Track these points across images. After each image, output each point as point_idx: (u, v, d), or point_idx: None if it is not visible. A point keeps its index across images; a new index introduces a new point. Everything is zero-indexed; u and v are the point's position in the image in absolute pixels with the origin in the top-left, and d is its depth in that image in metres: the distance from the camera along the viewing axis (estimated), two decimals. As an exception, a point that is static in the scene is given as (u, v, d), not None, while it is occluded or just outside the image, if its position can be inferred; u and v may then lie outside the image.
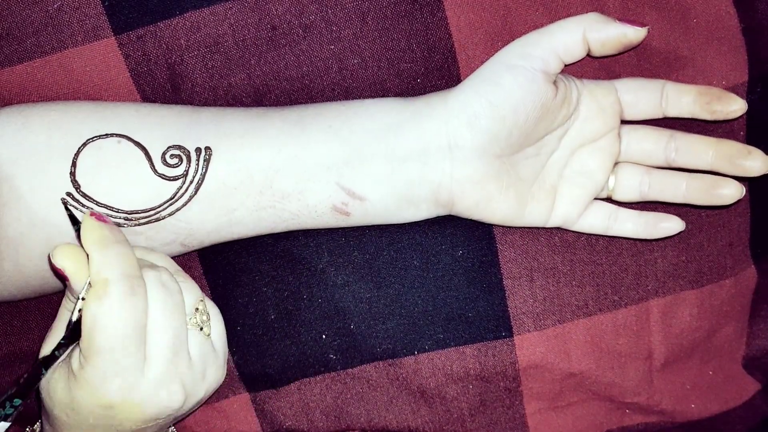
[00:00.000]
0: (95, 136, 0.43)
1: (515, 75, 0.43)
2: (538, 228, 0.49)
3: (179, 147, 0.43)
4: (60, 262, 0.39)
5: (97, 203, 0.42)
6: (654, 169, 0.47)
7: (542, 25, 0.45)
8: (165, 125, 0.44)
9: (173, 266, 0.45)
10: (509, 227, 0.49)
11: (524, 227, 0.49)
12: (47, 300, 0.51)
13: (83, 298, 0.39)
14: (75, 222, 0.41)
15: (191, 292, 0.43)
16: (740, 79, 0.49)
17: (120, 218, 0.43)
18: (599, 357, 0.51)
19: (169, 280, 0.42)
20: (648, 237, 0.48)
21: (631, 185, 0.47)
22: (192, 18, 0.46)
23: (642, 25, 0.43)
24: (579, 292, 0.51)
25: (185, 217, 0.44)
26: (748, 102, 0.47)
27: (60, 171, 0.42)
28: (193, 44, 0.46)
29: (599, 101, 0.46)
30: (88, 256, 0.39)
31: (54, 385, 0.41)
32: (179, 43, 0.46)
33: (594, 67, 0.48)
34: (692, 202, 0.47)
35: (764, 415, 0.56)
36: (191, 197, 0.43)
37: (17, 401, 0.40)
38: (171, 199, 0.43)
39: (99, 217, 0.41)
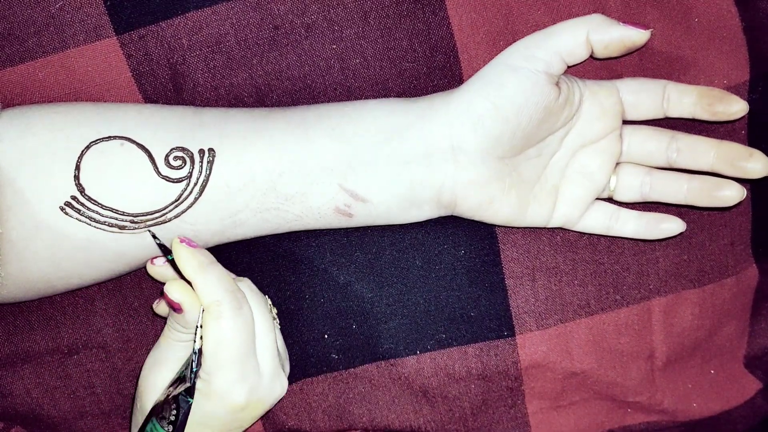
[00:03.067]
0: (98, 139, 0.43)
1: (518, 77, 0.43)
2: (539, 228, 0.49)
3: (182, 149, 0.43)
4: (177, 298, 0.42)
5: (102, 206, 0.42)
6: (655, 169, 0.47)
7: (544, 25, 0.45)
8: (168, 127, 0.44)
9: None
10: (511, 227, 0.49)
11: (526, 227, 0.49)
12: (49, 300, 0.51)
13: (200, 326, 0.42)
14: (166, 251, 0.43)
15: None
16: (742, 78, 0.49)
17: (125, 221, 0.43)
18: (601, 356, 0.51)
19: (252, 284, 0.46)
20: (649, 237, 0.48)
21: (633, 186, 0.47)
22: (194, 18, 0.46)
23: (645, 27, 0.43)
24: (581, 291, 0.51)
25: (190, 219, 0.44)
26: (749, 101, 0.47)
27: (63, 174, 0.42)
28: (195, 44, 0.46)
29: (601, 102, 0.46)
30: (189, 281, 0.43)
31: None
32: (181, 43, 0.46)
33: (595, 66, 0.48)
34: (693, 203, 0.47)
35: (766, 414, 0.56)
36: (196, 199, 0.43)
37: None
38: (175, 201, 0.43)
39: (189, 243, 0.43)
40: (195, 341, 0.42)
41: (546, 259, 0.50)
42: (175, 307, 0.42)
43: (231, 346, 0.42)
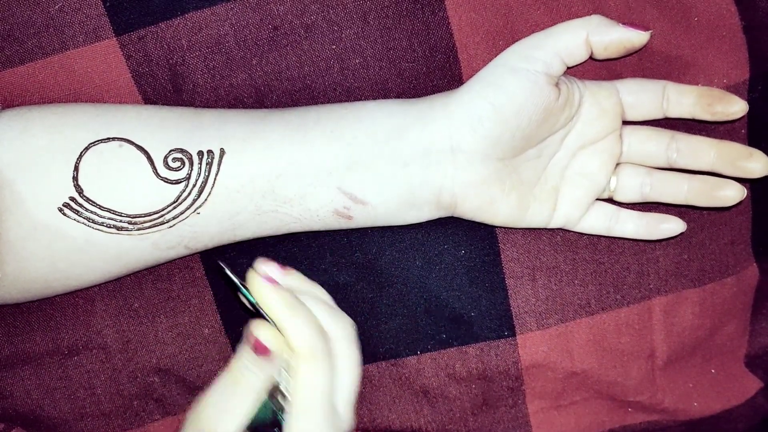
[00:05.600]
0: (97, 140, 0.43)
1: (518, 78, 0.43)
2: (540, 228, 0.49)
3: (181, 150, 0.43)
4: (268, 342, 0.41)
5: (101, 207, 0.42)
6: (655, 170, 0.47)
7: (544, 25, 0.45)
8: (167, 128, 0.44)
9: (311, 284, 0.46)
10: (511, 228, 0.49)
11: (526, 228, 0.49)
12: (50, 301, 0.51)
13: (285, 369, 0.41)
14: (235, 286, 0.43)
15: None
16: (741, 77, 0.48)
17: (124, 222, 0.43)
18: (602, 356, 0.51)
19: (352, 331, 0.44)
20: (649, 238, 0.48)
21: (633, 186, 0.47)
22: (193, 18, 0.46)
23: (645, 28, 0.43)
24: (581, 291, 0.51)
25: (189, 221, 0.44)
26: (749, 100, 0.47)
27: (62, 175, 0.42)
28: (194, 45, 0.46)
29: (601, 103, 0.46)
30: (275, 323, 0.41)
31: None
32: (180, 44, 0.46)
33: (595, 65, 0.48)
34: (693, 203, 0.47)
35: (766, 414, 0.56)
36: (195, 201, 0.43)
37: None
38: (174, 202, 0.43)
39: (271, 281, 0.42)
40: (281, 386, 0.41)
41: (546, 259, 0.50)
42: (260, 350, 0.41)
43: (319, 390, 0.41)
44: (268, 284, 0.42)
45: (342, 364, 0.43)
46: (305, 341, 0.41)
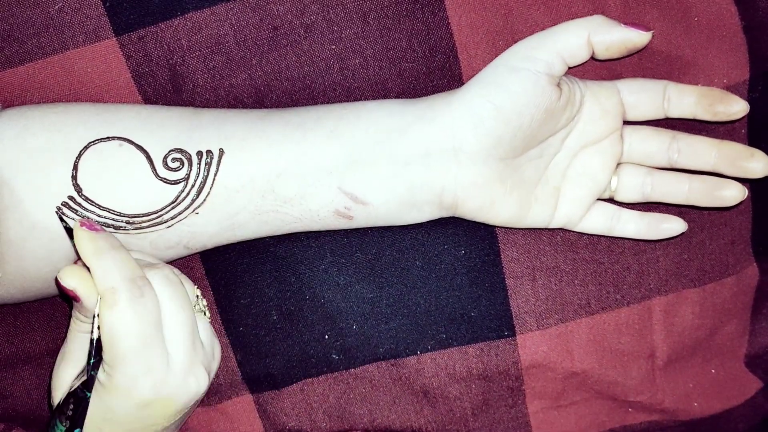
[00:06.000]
0: (96, 140, 0.43)
1: (519, 78, 0.43)
2: (540, 228, 0.49)
3: (181, 150, 0.43)
4: (69, 284, 0.40)
5: (99, 207, 0.42)
6: (656, 170, 0.47)
7: (544, 25, 0.45)
8: (166, 128, 0.44)
9: (158, 261, 0.45)
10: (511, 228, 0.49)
11: (527, 228, 0.49)
12: (50, 301, 0.51)
13: (98, 315, 0.40)
14: (71, 234, 0.41)
15: (188, 281, 0.45)
16: (741, 77, 0.48)
17: (122, 222, 0.43)
18: (602, 356, 0.51)
19: (171, 273, 0.42)
20: (650, 238, 0.48)
21: (634, 186, 0.47)
22: (193, 18, 0.46)
23: (646, 28, 0.43)
24: (581, 291, 0.51)
25: (188, 221, 0.44)
26: (749, 100, 0.47)
27: (61, 174, 0.42)
28: (194, 45, 0.46)
29: (602, 103, 0.45)
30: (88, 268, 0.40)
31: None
32: (180, 44, 0.46)
33: (596, 65, 0.48)
34: (694, 203, 0.47)
35: (766, 413, 0.56)
36: (194, 201, 0.43)
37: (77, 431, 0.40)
38: (173, 202, 0.43)
39: (90, 226, 0.41)
40: (92, 331, 0.40)
41: (546, 259, 0.50)
42: (71, 296, 0.40)
43: (129, 335, 0.39)
44: (85, 229, 0.41)
45: (168, 308, 0.41)
46: (107, 283, 0.39)
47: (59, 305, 0.51)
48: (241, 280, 0.50)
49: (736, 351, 0.55)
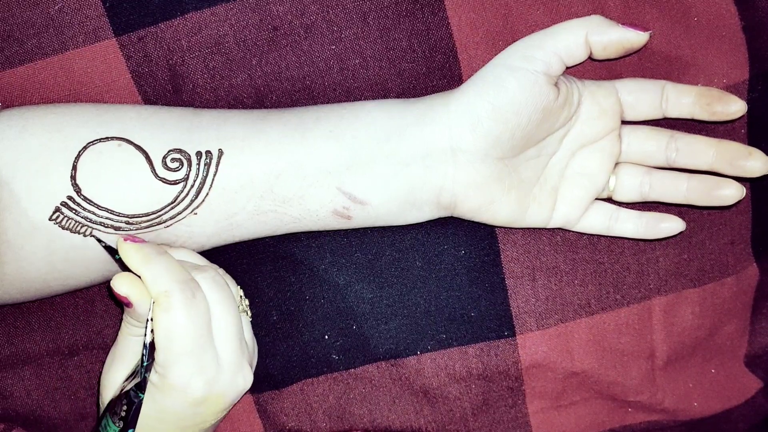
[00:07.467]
0: (96, 140, 0.43)
1: (517, 77, 0.43)
2: (539, 228, 0.49)
3: (180, 151, 0.43)
4: (122, 290, 0.41)
5: (98, 207, 0.42)
6: (654, 169, 0.47)
7: (543, 25, 0.45)
8: (166, 128, 0.44)
9: (205, 261, 0.46)
10: (511, 228, 0.49)
11: (526, 228, 0.49)
12: (50, 302, 0.51)
13: (152, 319, 0.41)
14: (113, 251, 0.43)
15: (232, 281, 0.47)
16: (741, 77, 0.48)
17: (121, 222, 0.43)
18: (602, 356, 0.51)
19: (216, 275, 0.44)
20: (649, 237, 0.48)
21: (632, 186, 0.47)
22: (193, 19, 0.46)
23: (645, 29, 0.43)
24: (581, 291, 0.51)
25: (186, 221, 0.44)
26: (748, 100, 0.48)
27: (60, 174, 0.42)
28: (194, 45, 0.46)
29: (600, 103, 0.46)
30: (140, 277, 0.42)
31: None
32: (180, 44, 0.46)
33: (594, 65, 0.48)
34: (693, 202, 0.47)
35: (766, 413, 0.56)
36: (192, 201, 0.43)
37: None
38: (172, 203, 0.43)
39: (133, 240, 0.43)
40: (146, 335, 0.41)
41: (546, 259, 0.50)
42: (124, 302, 0.42)
43: (184, 337, 0.41)
44: (129, 243, 0.42)
45: (216, 309, 0.43)
46: (159, 287, 0.41)
47: (59, 305, 0.51)
48: (241, 281, 0.50)
49: (736, 351, 0.55)
